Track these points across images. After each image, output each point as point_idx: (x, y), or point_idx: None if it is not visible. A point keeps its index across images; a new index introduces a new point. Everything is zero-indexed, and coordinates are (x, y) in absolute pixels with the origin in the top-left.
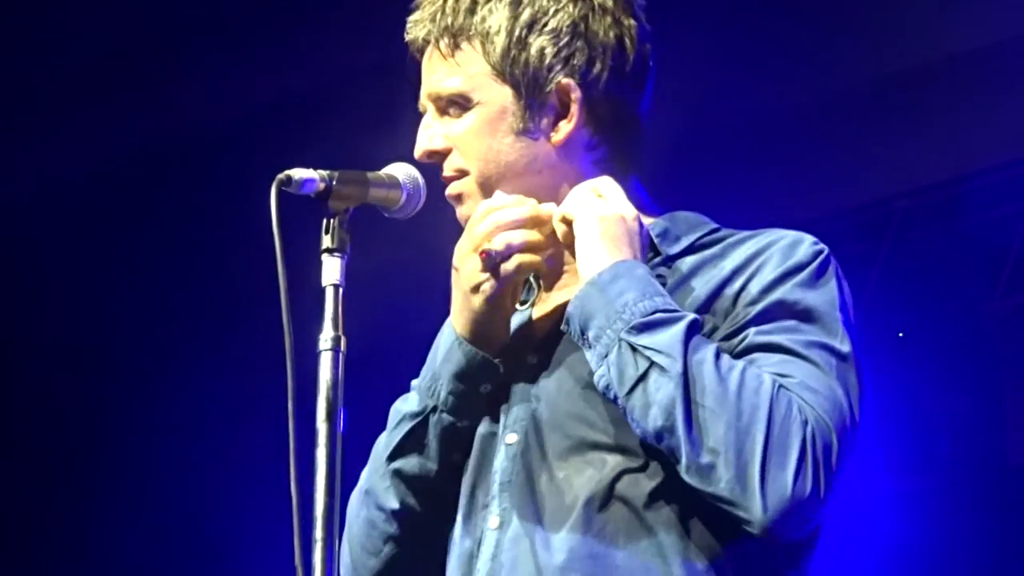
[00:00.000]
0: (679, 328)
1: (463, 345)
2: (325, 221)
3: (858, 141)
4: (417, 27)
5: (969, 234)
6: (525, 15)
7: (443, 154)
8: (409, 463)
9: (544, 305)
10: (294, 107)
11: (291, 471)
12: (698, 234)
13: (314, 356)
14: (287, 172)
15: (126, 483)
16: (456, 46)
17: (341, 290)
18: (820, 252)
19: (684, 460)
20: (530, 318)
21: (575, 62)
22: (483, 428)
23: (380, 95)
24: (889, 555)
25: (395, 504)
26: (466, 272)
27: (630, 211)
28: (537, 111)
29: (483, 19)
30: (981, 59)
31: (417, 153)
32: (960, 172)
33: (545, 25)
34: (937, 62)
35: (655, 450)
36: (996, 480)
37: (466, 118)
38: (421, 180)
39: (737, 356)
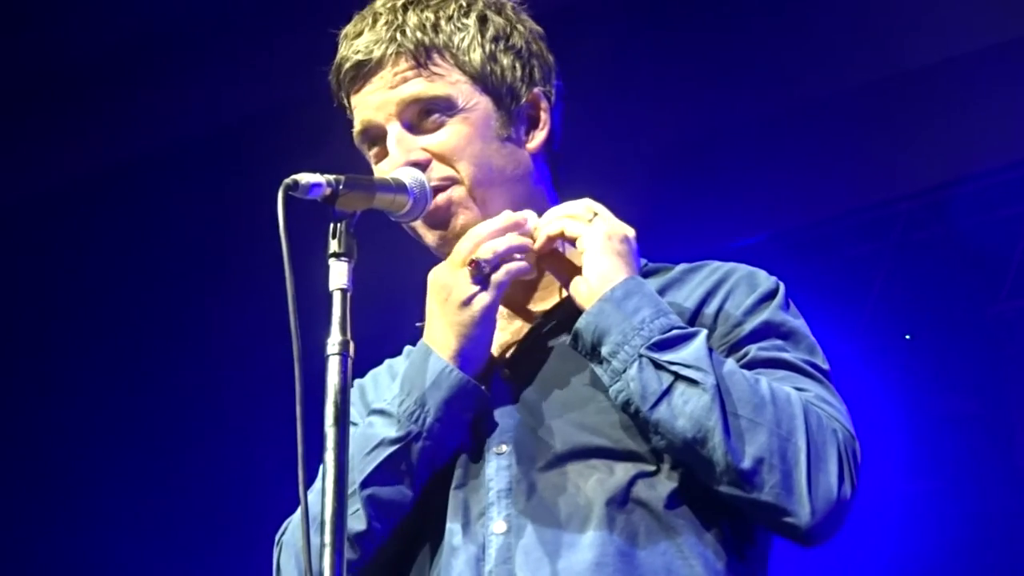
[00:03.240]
0: (700, 342)
1: (453, 372)
2: (332, 225)
3: (863, 143)
4: (372, 46)
5: (974, 236)
6: (490, 32)
7: (424, 166)
8: (385, 490)
9: (509, 317)
10: (298, 111)
11: (299, 476)
12: (679, 267)
13: (321, 360)
14: (294, 176)
15: (133, 489)
16: (429, 58)
17: (348, 294)
18: (778, 284)
19: (721, 468)
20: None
21: (536, 76)
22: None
23: None
24: (896, 557)
25: (361, 527)
26: (457, 287)
27: (630, 230)
28: (515, 120)
29: (450, 35)
30: (984, 61)
31: (393, 169)
32: (964, 174)
33: (509, 43)
34: (940, 64)
35: (666, 456)
36: (1002, 481)
37: (451, 125)
38: (428, 184)
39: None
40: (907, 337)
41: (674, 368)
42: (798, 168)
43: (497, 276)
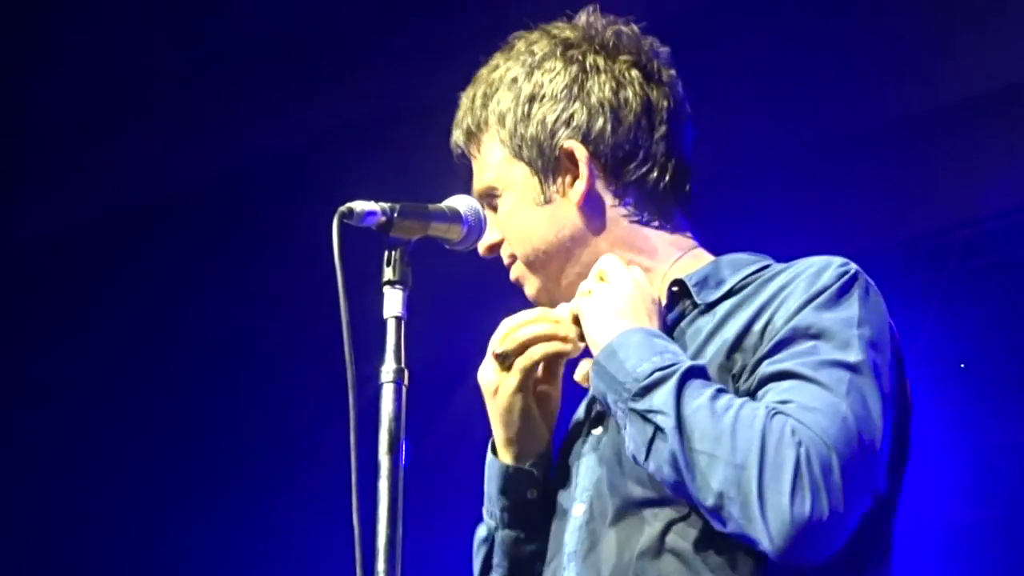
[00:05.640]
0: (672, 383)
1: (494, 461)
2: (386, 253)
3: (918, 172)
4: (454, 135)
5: None
6: (525, 91)
7: (499, 245)
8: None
9: None
10: (352, 139)
11: (353, 503)
12: (743, 275)
13: (376, 388)
14: (349, 204)
15: (193, 518)
16: (479, 142)
17: (403, 322)
18: (844, 273)
19: (702, 509)
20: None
21: (576, 123)
22: (559, 501)
23: (437, 128)
24: None
25: None
26: (489, 379)
27: (628, 282)
28: (551, 178)
29: (494, 108)
30: None
31: (480, 251)
32: (1020, 203)
33: (543, 95)
34: (997, 91)
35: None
36: None
37: (501, 207)
38: (482, 213)
39: (755, 389)
40: (962, 366)
41: (649, 416)
42: (852, 197)
43: (521, 361)
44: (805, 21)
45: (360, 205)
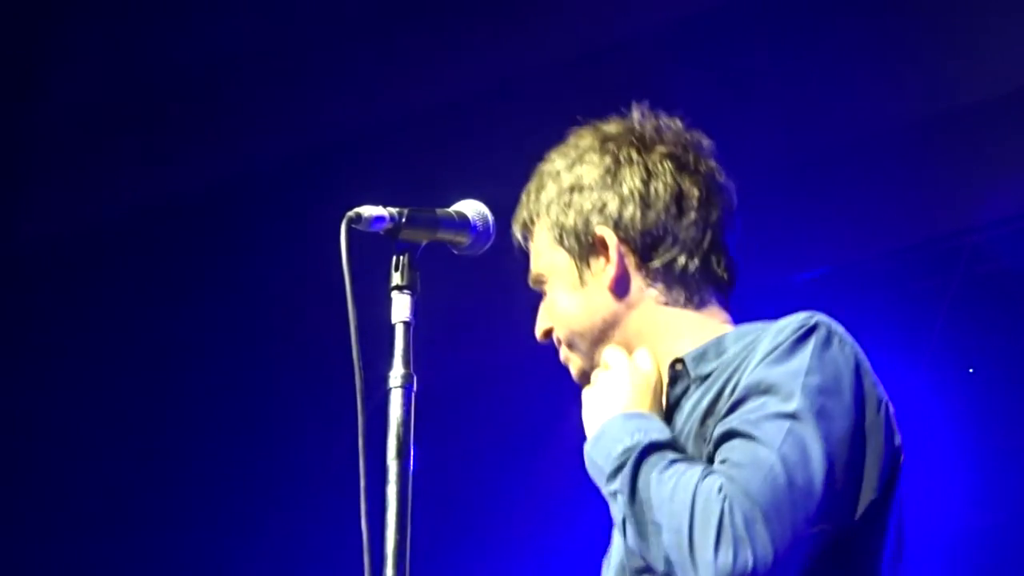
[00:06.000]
0: (631, 462)
1: None
2: (394, 258)
3: (927, 176)
4: (513, 227)
5: None
6: (566, 182)
7: (552, 330)
8: None
9: None
10: (359, 143)
11: (362, 509)
12: (742, 344)
13: (384, 393)
14: (356, 209)
15: (194, 526)
16: (532, 233)
17: (411, 327)
18: (802, 327)
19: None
20: None
21: (608, 210)
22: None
23: (446, 132)
24: None
25: None
26: None
27: (624, 371)
28: (587, 264)
29: (543, 199)
30: None
31: (537, 336)
32: None
33: (581, 186)
34: (1007, 95)
35: None
36: None
37: (548, 293)
38: (491, 218)
39: (713, 452)
40: (970, 371)
41: (616, 496)
42: (862, 201)
43: None
44: (811, 25)
45: (368, 210)
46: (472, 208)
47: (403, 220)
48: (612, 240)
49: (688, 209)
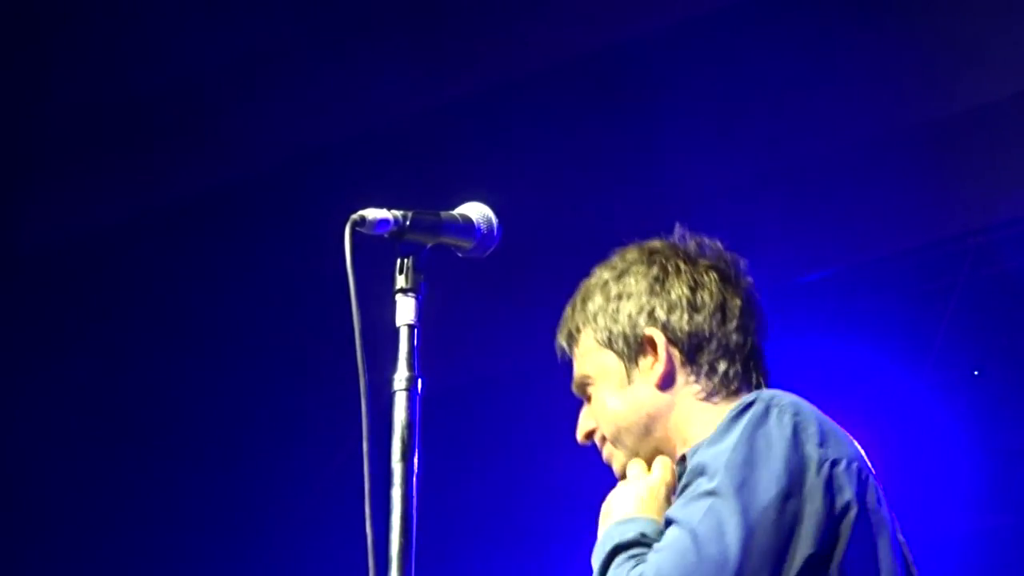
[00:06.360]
0: (602, 564)
1: None
2: (399, 261)
3: (932, 178)
4: (557, 339)
5: None
6: (614, 291)
7: (594, 431)
8: None
9: None
10: (364, 146)
11: (366, 511)
12: None
13: (389, 396)
14: (361, 212)
15: (198, 529)
16: (576, 341)
17: (416, 330)
18: (741, 404)
19: None
20: None
21: (656, 314)
22: None
23: (447, 134)
24: None
25: None
26: None
27: (638, 480)
28: (634, 363)
29: (589, 308)
30: None
31: (578, 438)
32: None
33: (630, 293)
34: (1012, 97)
35: None
36: None
37: (594, 394)
38: (495, 220)
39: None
40: (975, 373)
41: None
42: (868, 203)
43: None
44: (821, 28)
45: (372, 213)
46: (476, 211)
47: (407, 223)
48: (661, 339)
49: (731, 317)
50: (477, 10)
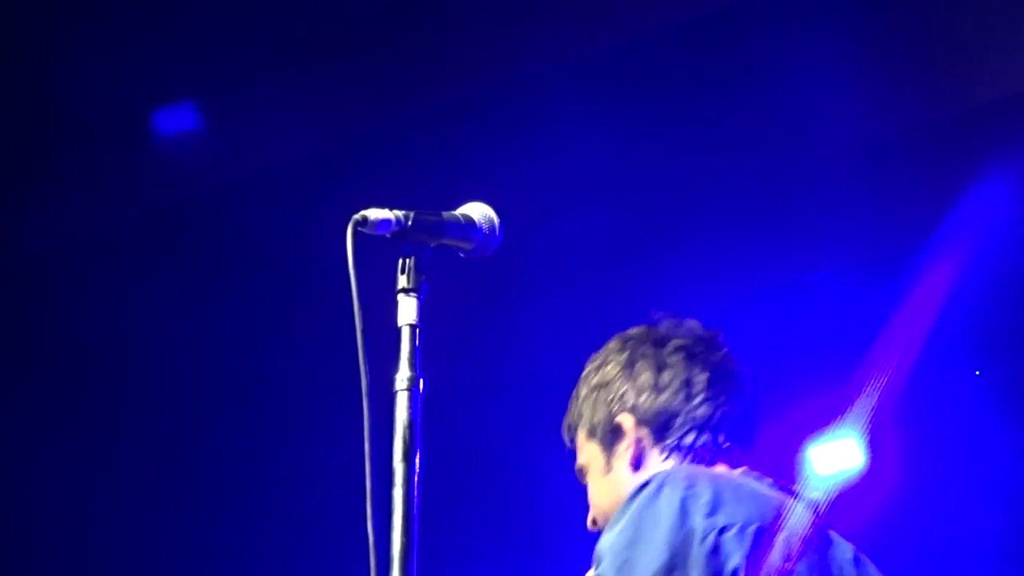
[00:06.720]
0: None
1: None
2: (401, 261)
3: (935, 178)
4: (563, 432)
5: None
6: (594, 381)
7: (596, 518)
8: None
9: None
10: (365, 147)
11: (368, 512)
12: None
13: (390, 396)
14: (363, 212)
15: (198, 528)
16: (574, 434)
17: (417, 330)
18: (635, 491)
19: None
20: None
21: (626, 399)
22: None
23: (448, 136)
24: None
25: None
26: None
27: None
28: (611, 449)
29: (579, 403)
30: None
31: (588, 526)
32: None
33: (607, 382)
34: (1013, 97)
35: None
36: None
37: (588, 485)
38: (497, 220)
39: None
40: (976, 373)
41: None
42: (870, 203)
43: None
44: (825, 28)
45: (374, 213)
46: (478, 211)
47: (409, 223)
48: (629, 422)
49: (696, 393)
50: (479, 9)
